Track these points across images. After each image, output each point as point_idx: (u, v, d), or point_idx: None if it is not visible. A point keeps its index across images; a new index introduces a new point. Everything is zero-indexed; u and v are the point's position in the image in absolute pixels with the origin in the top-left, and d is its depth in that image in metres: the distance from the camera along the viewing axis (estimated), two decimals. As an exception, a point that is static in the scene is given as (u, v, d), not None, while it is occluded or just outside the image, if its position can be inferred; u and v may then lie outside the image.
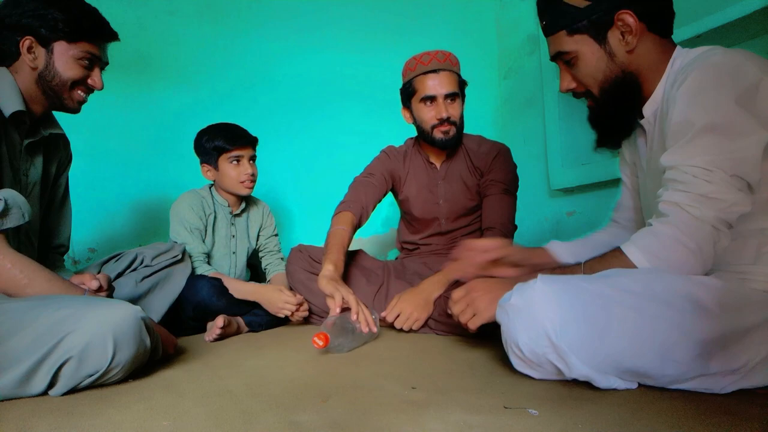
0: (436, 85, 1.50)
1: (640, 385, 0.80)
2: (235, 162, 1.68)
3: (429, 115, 1.53)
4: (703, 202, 0.78)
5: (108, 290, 1.09)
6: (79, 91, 1.15)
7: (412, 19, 2.63)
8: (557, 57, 0.97)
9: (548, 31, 0.96)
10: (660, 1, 0.90)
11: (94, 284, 1.06)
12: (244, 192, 1.72)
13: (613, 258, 0.86)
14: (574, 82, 0.97)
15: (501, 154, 1.62)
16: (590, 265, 0.88)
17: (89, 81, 1.14)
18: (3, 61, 1.08)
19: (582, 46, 0.92)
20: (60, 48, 1.09)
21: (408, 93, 1.57)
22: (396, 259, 1.84)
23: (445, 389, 0.83)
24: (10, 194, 0.98)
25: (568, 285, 0.79)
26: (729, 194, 0.77)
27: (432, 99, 1.52)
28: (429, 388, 0.84)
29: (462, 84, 1.56)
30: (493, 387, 0.84)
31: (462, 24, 2.77)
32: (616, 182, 1.18)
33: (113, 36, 1.17)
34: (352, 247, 1.59)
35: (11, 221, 0.97)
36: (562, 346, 0.75)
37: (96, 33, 1.13)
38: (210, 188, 1.77)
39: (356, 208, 1.55)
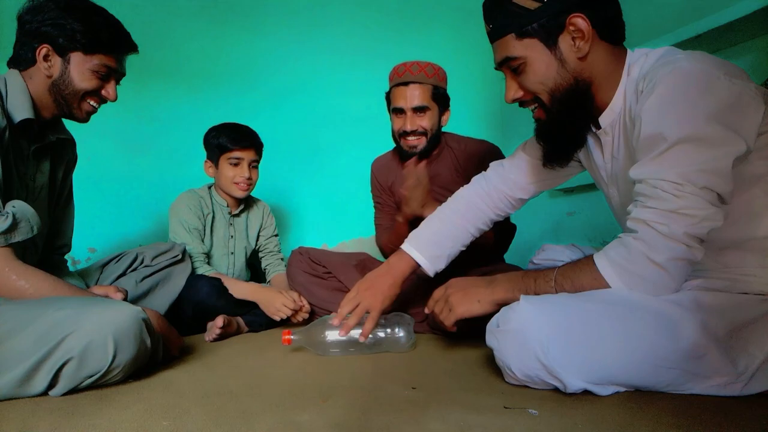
0: (404, 97, 1.52)
1: (639, 387, 0.80)
2: (234, 164, 1.69)
3: (397, 125, 1.57)
4: (672, 218, 0.75)
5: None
6: (92, 102, 1.14)
7: (411, 20, 2.63)
8: (504, 63, 0.90)
9: (495, 35, 0.90)
10: (611, 8, 0.85)
11: (119, 297, 1.11)
12: (238, 194, 1.72)
13: (585, 267, 0.84)
14: (521, 90, 0.91)
15: (491, 155, 1.62)
16: (562, 272, 0.86)
17: (103, 92, 1.14)
18: (18, 65, 1.08)
19: (531, 51, 0.86)
20: (77, 59, 1.08)
21: (387, 102, 1.61)
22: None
23: (445, 389, 0.84)
24: (19, 207, 0.98)
25: (552, 304, 0.79)
26: (699, 209, 0.73)
27: (400, 111, 1.54)
28: (429, 388, 0.85)
29: (438, 96, 1.54)
30: (493, 387, 0.84)
31: (462, 24, 2.77)
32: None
33: (132, 48, 1.17)
34: (352, 248, 1.59)
35: (19, 235, 0.97)
36: (553, 366, 0.75)
37: (114, 46, 1.12)
38: (209, 188, 1.77)
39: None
